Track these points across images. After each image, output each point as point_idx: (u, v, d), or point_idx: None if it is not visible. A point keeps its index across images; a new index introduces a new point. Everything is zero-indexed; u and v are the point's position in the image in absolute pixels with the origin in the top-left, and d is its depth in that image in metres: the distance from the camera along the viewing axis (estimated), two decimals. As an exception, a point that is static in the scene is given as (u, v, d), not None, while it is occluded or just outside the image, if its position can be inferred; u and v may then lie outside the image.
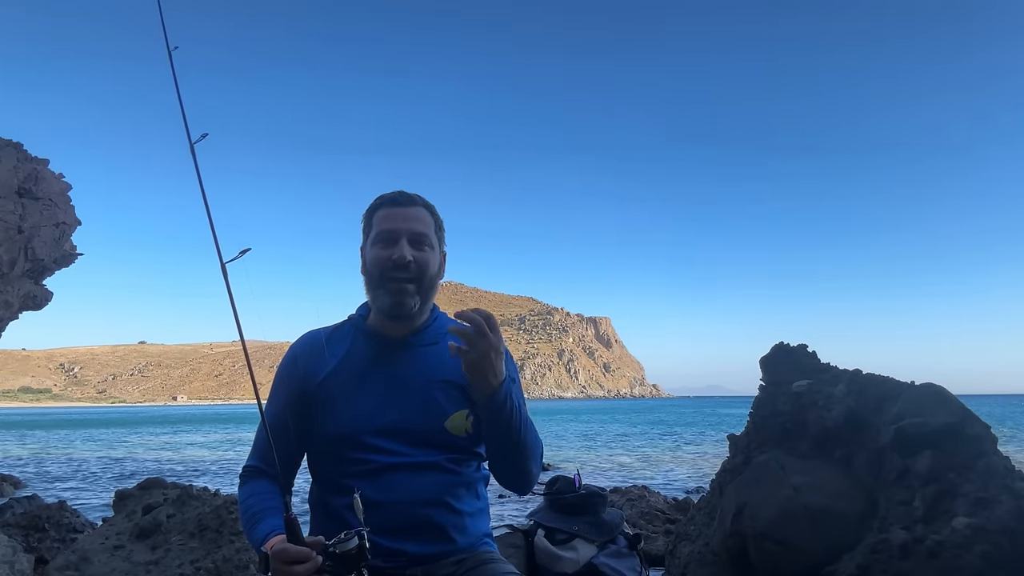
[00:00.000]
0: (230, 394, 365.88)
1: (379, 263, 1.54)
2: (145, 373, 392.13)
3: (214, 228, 1.37)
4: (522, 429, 1.49)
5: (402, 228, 1.54)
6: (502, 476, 1.58)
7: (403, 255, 1.51)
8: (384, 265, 1.53)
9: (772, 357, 4.24)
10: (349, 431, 1.51)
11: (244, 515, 1.49)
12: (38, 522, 6.10)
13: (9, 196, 9.67)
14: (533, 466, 1.56)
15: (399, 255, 1.51)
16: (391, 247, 1.53)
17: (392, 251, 1.52)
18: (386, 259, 1.52)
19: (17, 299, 10.29)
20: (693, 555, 3.84)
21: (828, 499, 3.31)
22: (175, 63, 1.47)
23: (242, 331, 1.37)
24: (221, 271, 1.35)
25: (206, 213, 1.39)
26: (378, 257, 1.54)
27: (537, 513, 2.58)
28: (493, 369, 1.40)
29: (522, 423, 1.49)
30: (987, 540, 2.77)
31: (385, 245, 1.54)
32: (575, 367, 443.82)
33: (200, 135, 1.41)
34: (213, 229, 1.37)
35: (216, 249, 1.35)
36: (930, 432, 3.19)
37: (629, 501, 6.77)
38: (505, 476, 1.58)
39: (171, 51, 1.46)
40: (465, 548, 1.53)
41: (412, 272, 1.53)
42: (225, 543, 4.10)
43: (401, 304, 1.53)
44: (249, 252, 1.33)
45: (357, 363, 1.57)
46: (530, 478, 1.58)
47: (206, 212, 1.39)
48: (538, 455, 1.57)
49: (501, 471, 1.58)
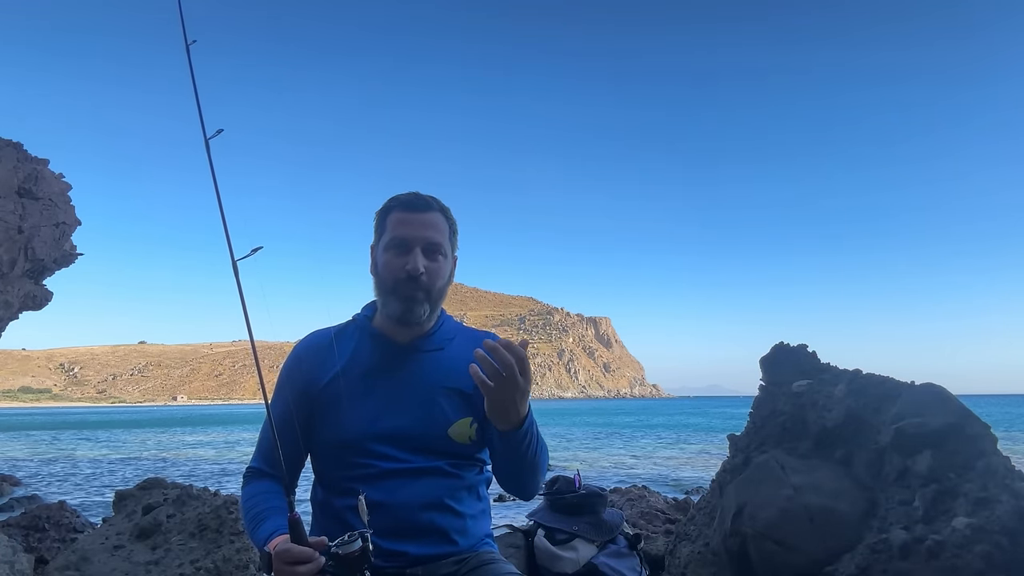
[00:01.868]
0: (230, 394, 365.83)
1: (392, 271, 1.52)
2: (145, 373, 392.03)
3: (226, 225, 1.35)
4: (536, 457, 1.46)
5: (417, 236, 1.52)
6: (507, 486, 1.58)
7: (416, 266, 1.49)
8: (397, 274, 1.51)
9: (772, 357, 4.23)
10: (352, 436, 1.50)
11: (247, 515, 1.49)
12: (38, 522, 6.10)
13: (9, 196, 9.67)
14: (540, 478, 1.56)
15: (412, 266, 1.49)
16: (404, 256, 1.51)
17: (406, 260, 1.50)
18: (399, 268, 1.50)
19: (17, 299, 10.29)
20: (693, 555, 3.84)
21: (828, 499, 3.31)
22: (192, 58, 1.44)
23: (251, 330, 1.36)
24: (232, 268, 1.33)
25: (219, 209, 1.36)
26: (391, 264, 1.52)
27: (537, 513, 2.58)
28: (516, 409, 1.34)
29: (536, 449, 1.46)
30: (987, 540, 2.77)
31: (398, 253, 1.52)
32: (575, 367, 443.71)
33: (215, 130, 1.38)
34: (225, 226, 1.35)
35: (228, 246, 1.34)
36: (930, 432, 3.19)
37: (629, 501, 6.76)
38: (510, 486, 1.57)
39: (188, 45, 1.44)
40: (466, 549, 1.53)
41: (424, 283, 1.51)
42: (225, 543, 4.10)
43: (411, 312, 1.52)
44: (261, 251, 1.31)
45: (362, 367, 1.56)
46: (535, 488, 1.57)
47: (219, 208, 1.37)
48: (545, 467, 1.55)
49: (507, 482, 1.57)
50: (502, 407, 1.33)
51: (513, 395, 1.31)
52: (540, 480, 1.56)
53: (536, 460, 1.47)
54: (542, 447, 1.49)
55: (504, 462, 1.51)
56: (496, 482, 1.61)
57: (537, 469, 1.50)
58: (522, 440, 1.40)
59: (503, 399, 1.31)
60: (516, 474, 1.51)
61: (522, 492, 1.56)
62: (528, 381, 1.31)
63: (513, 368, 1.27)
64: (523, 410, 1.36)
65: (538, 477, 1.54)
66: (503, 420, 1.36)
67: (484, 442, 1.58)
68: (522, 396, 1.32)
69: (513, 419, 1.35)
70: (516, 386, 1.29)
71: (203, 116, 1.39)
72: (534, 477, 1.52)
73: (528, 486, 1.54)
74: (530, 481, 1.53)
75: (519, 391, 1.30)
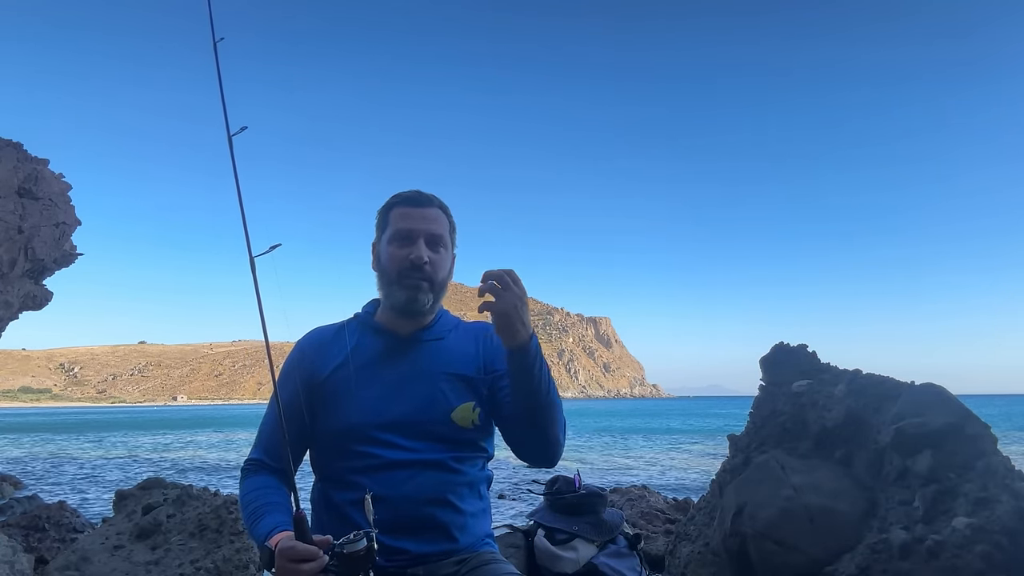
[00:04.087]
0: (230, 394, 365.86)
1: (396, 261, 1.56)
2: (145, 373, 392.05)
3: (245, 221, 1.37)
4: (550, 387, 1.48)
5: (420, 228, 1.57)
6: (529, 446, 1.54)
7: (420, 255, 1.55)
8: (401, 264, 1.55)
9: (772, 357, 4.24)
10: (355, 424, 1.51)
11: (246, 509, 1.47)
12: (38, 522, 6.11)
13: (9, 196, 9.67)
14: (560, 432, 1.52)
15: (416, 255, 1.54)
16: (408, 246, 1.56)
17: (410, 250, 1.55)
18: (403, 258, 1.55)
19: (17, 299, 10.29)
20: (693, 555, 3.84)
21: (828, 499, 3.31)
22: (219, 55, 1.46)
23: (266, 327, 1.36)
24: (250, 265, 1.35)
25: (239, 205, 1.38)
26: (395, 255, 1.57)
27: (537, 513, 2.57)
28: (521, 319, 1.40)
29: (549, 381, 1.48)
30: (987, 540, 2.77)
31: (403, 244, 1.56)
32: (575, 367, 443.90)
33: (239, 127, 1.41)
34: (244, 222, 1.37)
35: (246, 243, 1.35)
36: (930, 432, 3.19)
37: (629, 501, 6.76)
38: (532, 445, 1.53)
39: (216, 42, 1.46)
40: (466, 548, 1.53)
41: (427, 272, 1.56)
42: (225, 543, 4.10)
43: (415, 300, 1.56)
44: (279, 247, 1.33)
45: (364, 358, 1.58)
46: (557, 445, 1.53)
47: (239, 204, 1.38)
48: (563, 421, 1.54)
49: (528, 440, 1.53)
50: (507, 320, 1.39)
51: (514, 303, 1.38)
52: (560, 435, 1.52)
53: (551, 398, 1.47)
54: (555, 389, 1.50)
55: (521, 406, 1.48)
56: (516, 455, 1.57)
57: (554, 411, 1.49)
58: (533, 360, 1.43)
59: (506, 310, 1.38)
60: (535, 419, 1.48)
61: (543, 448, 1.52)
62: (523, 291, 1.40)
63: (504, 278, 1.38)
64: (527, 322, 1.42)
65: (557, 429, 1.51)
66: (511, 336, 1.41)
67: (487, 427, 1.59)
68: (522, 304, 1.41)
69: (522, 333, 1.41)
70: (513, 294, 1.38)
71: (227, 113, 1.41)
72: (553, 425, 1.49)
73: (548, 438, 1.50)
74: (550, 431, 1.49)
75: (517, 298, 1.39)
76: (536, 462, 1.58)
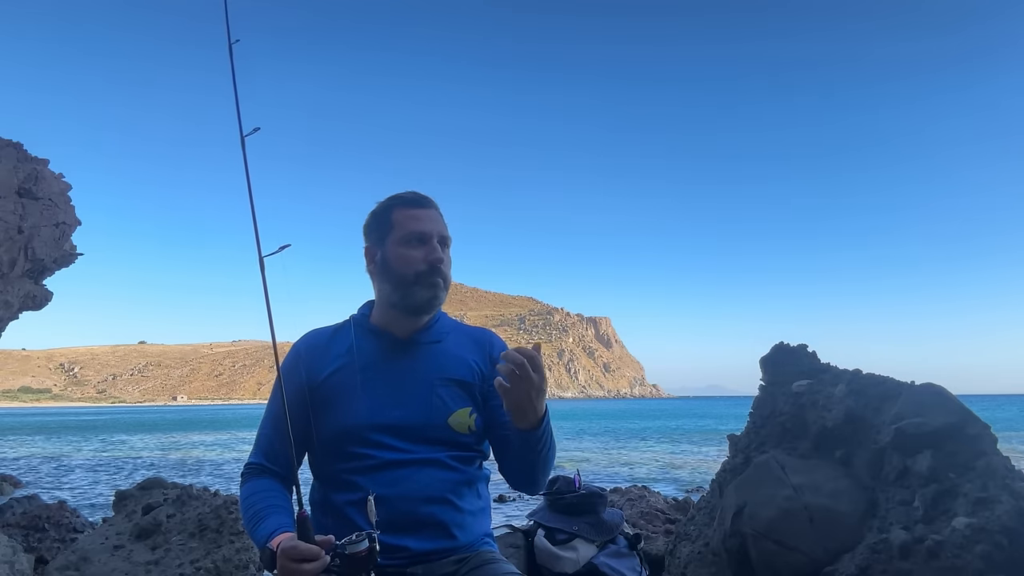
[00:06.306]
0: (230, 394, 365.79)
1: (413, 263, 1.57)
2: (145, 373, 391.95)
3: (256, 221, 1.39)
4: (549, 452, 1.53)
5: (432, 230, 1.59)
6: (515, 480, 1.62)
7: (439, 256, 1.57)
8: (418, 266, 1.56)
9: (772, 357, 4.24)
10: (352, 426, 1.51)
11: (247, 512, 1.48)
12: (38, 522, 6.10)
13: (9, 196, 9.66)
14: (548, 474, 1.63)
15: (436, 256, 1.57)
16: (423, 247, 1.57)
17: (426, 252, 1.57)
18: (420, 259, 1.56)
19: (17, 299, 10.29)
20: (693, 555, 3.84)
21: (828, 499, 3.31)
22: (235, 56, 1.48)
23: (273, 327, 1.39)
24: (259, 265, 1.36)
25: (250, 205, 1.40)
26: (410, 257, 1.57)
27: (537, 513, 2.57)
28: (533, 407, 1.40)
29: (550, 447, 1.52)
30: (987, 540, 2.77)
31: (417, 245, 1.57)
32: (575, 367, 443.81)
33: (252, 128, 1.42)
34: (255, 222, 1.39)
35: (256, 242, 1.37)
36: (930, 432, 3.19)
37: (629, 501, 6.75)
38: (519, 481, 1.62)
39: (232, 44, 1.48)
40: (466, 546, 1.53)
41: (443, 273, 1.59)
42: (225, 543, 4.10)
43: (436, 299, 1.59)
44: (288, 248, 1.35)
45: (361, 360, 1.58)
46: (543, 484, 1.64)
47: (250, 205, 1.40)
48: (553, 463, 1.60)
49: (516, 477, 1.62)
50: (519, 406, 1.39)
51: (528, 392, 1.37)
52: (547, 476, 1.63)
53: (548, 457, 1.54)
54: (553, 446, 1.55)
55: (518, 459, 1.56)
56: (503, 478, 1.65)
57: (548, 466, 1.57)
58: (539, 440, 1.47)
59: (519, 398, 1.37)
60: (527, 470, 1.57)
61: (530, 487, 1.62)
62: (543, 379, 1.37)
63: (525, 366, 1.34)
64: (540, 409, 1.42)
65: (547, 473, 1.60)
66: (521, 419, 1.42)
67: (484, 433, 1.61)
68: (538, 393, 1.39)
69: (531, 418, 1.41)
70: (531, 383, 1.35)
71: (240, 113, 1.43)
72: (544, 474, 1.58)
73: (538, 482, 1.60)
74: (540, 477, 1.59)
75: (534, 388, 1.37)
76: (516, 488, 1.64)
